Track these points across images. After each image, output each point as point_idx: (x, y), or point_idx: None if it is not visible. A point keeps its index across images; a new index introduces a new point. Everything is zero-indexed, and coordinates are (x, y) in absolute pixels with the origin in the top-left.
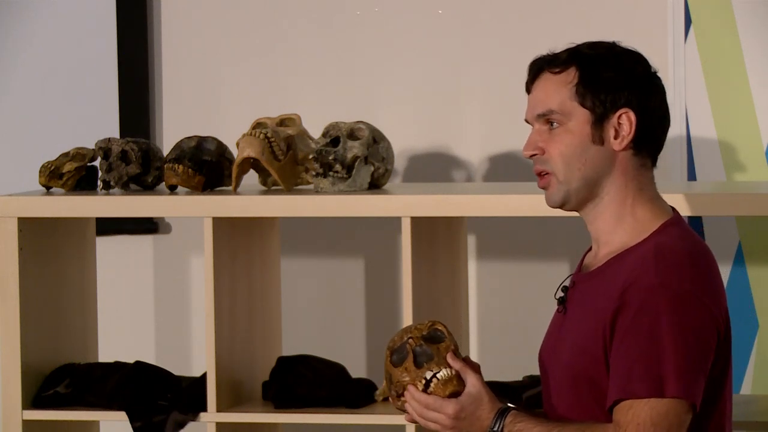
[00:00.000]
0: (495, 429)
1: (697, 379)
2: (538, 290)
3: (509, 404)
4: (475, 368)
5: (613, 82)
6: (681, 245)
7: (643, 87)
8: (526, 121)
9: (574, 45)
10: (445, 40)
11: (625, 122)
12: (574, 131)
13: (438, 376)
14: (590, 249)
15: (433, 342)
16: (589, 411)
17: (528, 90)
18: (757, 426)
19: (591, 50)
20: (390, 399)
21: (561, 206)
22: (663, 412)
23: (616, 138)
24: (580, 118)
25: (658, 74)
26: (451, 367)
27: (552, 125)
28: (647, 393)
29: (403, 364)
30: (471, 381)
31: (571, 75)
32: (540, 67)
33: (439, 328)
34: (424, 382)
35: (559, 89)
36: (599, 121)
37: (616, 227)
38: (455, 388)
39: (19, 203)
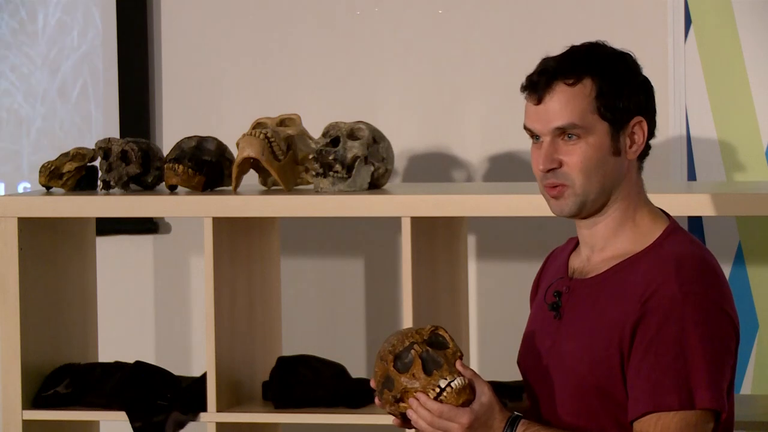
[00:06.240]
0: None
1: (723, 388)
2: None
3: (516, 413)
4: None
5: (627, 91)
6: (696, 252)
7: (647, 92)
8: (529, 129)
9: (569, 48)
10: (445, 40)
11: (638, 131)
12: (595, 145)
13: (453, 384)
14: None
15: (437, 348)
16: (596, 419)
17: (537, 100)
18: (757, 426)
19: (599, 57)
20: (380, 402)
21: (572, 216)
22: (692, 423)
23: (630, 147)
24: (600, 131)
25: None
26: (462, 375)
27: (569, 137)
28: (678, 405)
29: (410, 370)
30: (482, 389)
31: (587, 87)
32: (552, 77)
33: (441, 333)
34: (438, 390)
35: (578, 102)
36: (617, 132)
37: (616, 233)
38: (468, 396)
39: (19, 203)
